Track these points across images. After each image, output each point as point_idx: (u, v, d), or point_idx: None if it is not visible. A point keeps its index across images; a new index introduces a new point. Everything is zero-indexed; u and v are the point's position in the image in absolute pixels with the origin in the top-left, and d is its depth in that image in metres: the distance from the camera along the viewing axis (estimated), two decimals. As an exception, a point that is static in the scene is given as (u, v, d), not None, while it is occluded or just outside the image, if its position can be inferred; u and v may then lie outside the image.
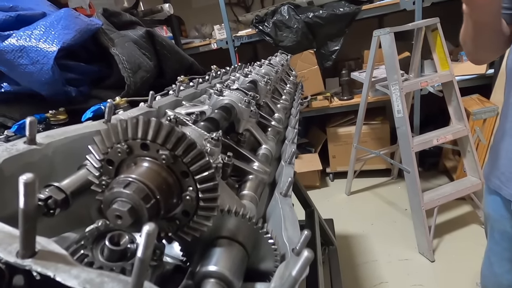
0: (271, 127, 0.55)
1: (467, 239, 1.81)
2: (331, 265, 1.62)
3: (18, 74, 0.61)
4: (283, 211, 0.30)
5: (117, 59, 0.74)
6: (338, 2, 2.23)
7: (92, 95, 0.77)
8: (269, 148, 0.46)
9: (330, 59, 2.35)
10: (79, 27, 0.67)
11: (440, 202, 1.72)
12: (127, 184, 0.19)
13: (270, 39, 2.30)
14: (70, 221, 0.28)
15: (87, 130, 0.32)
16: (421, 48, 2.03)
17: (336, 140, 2.60)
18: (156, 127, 0.21)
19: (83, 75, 0.73)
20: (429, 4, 2.03)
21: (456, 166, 2.23)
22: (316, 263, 1.24)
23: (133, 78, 0.74)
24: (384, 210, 2.23)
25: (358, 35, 2.31)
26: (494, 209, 0.86)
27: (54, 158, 0.28)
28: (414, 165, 1.69)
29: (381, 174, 2.62)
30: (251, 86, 0.58)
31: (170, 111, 0.45)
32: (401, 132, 1.73)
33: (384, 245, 1.90)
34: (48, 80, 0.60)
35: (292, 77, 1.16)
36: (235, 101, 0.43)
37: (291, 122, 0.68)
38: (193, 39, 2.65)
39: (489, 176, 0.82)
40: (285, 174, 0.39)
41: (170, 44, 1.01)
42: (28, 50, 0.58)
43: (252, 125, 0.46)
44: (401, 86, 1.70)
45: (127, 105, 0.62)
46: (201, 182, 0.21)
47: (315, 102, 2.42)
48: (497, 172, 0.79)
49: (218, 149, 0.29)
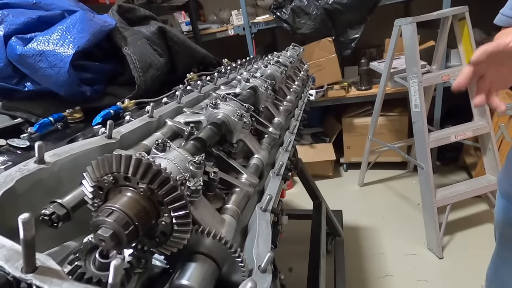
0: (267, 134, 0.58)
1: (479, 238, 1.78)
2: (336, 256, 1.66)
3: (38, 76, 0.66)
4: (259, 227, 0.34)
5: (129, 59, 0.78)
6: (360, -13, 2.13)
7: (107, 92, 0.82)
8: (261, 158, 0.49)
9: (349, 48, 2.28)
10: (93, 29, 0.71)
11: (453, 200, 1.69)
12: (110, 213, 0.23)
13: (287, 26, 2.26)
14: (76, 226, 0.33)
15: (89, 146, 0.36)
16: (447, 38, 1.92)
17: (351, 130, 2.57)
18: (136, 164, 0.24)
19: (98, 74, 0.78)
20: (459, -11, 1.90)
21: (477, 162, 2.15)
22: (318, 255, 1.28)
23: (143, 78, 0.78)
24: (396, 204, 2.22)
25: (381, 21, 2.21)
26: (504, 215, 0.85)
27: (61, 174, 0.33)
28: (429, 162, 1.66)
29: (397, 167, 2.57)
30: (250, 93, 0.60)
31: (169, 121, 0.49)
32: (417, 127, 1.68)
33: (392, 238, 1.91)
34: (64, 82, 0.65)
35: (303, 72, 1.16)
36: (228, 115, 0.46)
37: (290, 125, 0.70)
38: (211, 25, 2.65)
39: (502, 182, 0.82)
40: (270, 187, 0.42)
41: (181, 40, 1.03)
42: (47, 55, 0.63)
43: (245, 136, 0.49)
44: (420, 80, 1.64)
45: (135, 108, 0.66)
46: (174, 210, 0.25)
47: (331, 92, 2.38)
48: (510, 179, 0.78)
49: (200, 171, 0.32)
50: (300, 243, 1.62)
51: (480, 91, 0.59)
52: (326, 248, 1.45)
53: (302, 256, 1.46)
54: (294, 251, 1.83)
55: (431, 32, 2.18)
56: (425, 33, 2.18)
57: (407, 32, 1.65)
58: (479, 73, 0.58)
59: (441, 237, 1.73)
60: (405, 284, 1.60)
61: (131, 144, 0.42)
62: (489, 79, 0.59)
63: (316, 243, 1.35)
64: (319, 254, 1.26)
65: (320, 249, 1.27)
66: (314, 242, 1.37)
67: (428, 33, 2.20)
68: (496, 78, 0.59)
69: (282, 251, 1.84)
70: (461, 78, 0.58)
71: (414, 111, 1.70)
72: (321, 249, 1.29)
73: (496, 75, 0.59)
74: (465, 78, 0.58)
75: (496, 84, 0.59)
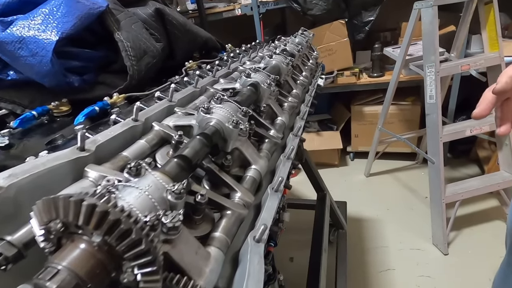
0: (268, 139, 0.52)
1: (487, 235, 1.73)
2: (338, 248, 1.64)
3: (19, 65, 0.60)
4: (249, 264, 0.29)
5: (121, 46, 0.71)
6: (378, -36, 1.97)
7: (99, 81, 0.76)
8: (258, 169, 0.44)
9: (362, 31, 2.15)
10: (80, 13, 0.64)
11: (463, 197, 1.63)
12: (54, 274, 0.18)
13: (297, 6, 2.13)
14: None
15: (56, 162, 0.31)
16: (469, 23, 1.78)
17: (360, 118, 2.48)
18: (88, 211, 0.19)
19: (88, 61, 0.72)
20: (487, -31, 1.73)
21: (490, 156, 2.06)
22: (320, 249, 1.25)
23: (137, 67, 0.72)
24: (403, 196, 2.16)
25: (397, 2, 2.06)
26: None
27: (18, 198, 0.28)
28: (440, 156, 1.58)
29: (405, 157, 2.50)
30: (250, 91, 0.53)
31: (156, 125, 0.43)
32: (431, 120, 1.60)
33: (397, 232, 1.88)
34: (48, 72, 0.60)
35: (312, 60, 1.07)
36: (222, 122, 0.40)
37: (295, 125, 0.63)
38: (217, 3, 2.52)
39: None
40: (266, 208, 0.36)
41: (181, 23, 0.95)
42: (27, 42, 0.57)
43: (241, 144, 0.43)
44: (437, 69, 1.53)
45: (125, 103, 0.61)
46: (139, 267, 0.20)
47: (341, 78, 2.27)
48: None
49: (181, 201, 0.27)
50: (302, 233, 1.60)
51: (505, 118, 0.51)
52: (328, 239, 1.42)
53: (304, 246, 1.44)
54: (296, 240, 1.81)
55: (452, 16, 2.02)
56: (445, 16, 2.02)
57: (427, 17, 1.52)
58: (503, 98, 0.50)
59: (448, 233, 1.68)
60: (406, 279, 1.58)
61: (109, 155, 0.37)
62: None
63: (318, 237, 1.32)
64: (320, 249, 1.23)
65: (322, 244, 1.24)
66: (316, 236, 1.34)
67: (449, 17, 2.04)
68: None
69: (284, 241, 1.82)
70: (482, 107, 0.51)
71: (428, 103, 1.60)
72: (323, 244, 1.26)
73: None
74: (487, 107, 0.50)
75: None
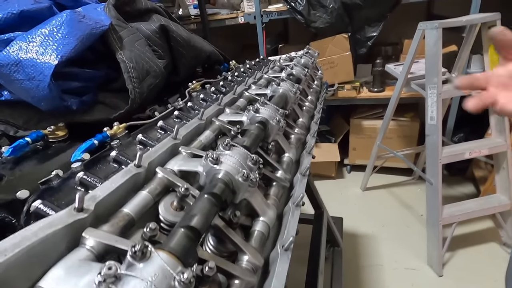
0: (276, 182, 0.49)
1: (482, 257, 1.73)
2: (333, 267, 1.62)
3: (14, 88, 0.57)
4: None
5: (123, 67, 0.68)
6: (383, -19, 1.97)
7: (98, 100, 0.72)
8: (267, 221, 0.41)
9: (365, 46, 2.14)
10: (81, 33, 0.61)
11: (460, 219, 1.62)
12: None
13: (301, 18, 2.11)
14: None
15: (51, 230, 0.28)
16: (472, 45, 1.79)
17: (359, 132, 2.47)
18: None
19: (88, 81, 0.68)
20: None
21: (487, 177, 2.07)
22: (316, 272, 1.23)
23: (139, 89, 0.69)
24: (399, 212, 2.16)
25: (400, 17, 2.06)
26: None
27: (8, 276, 0.25)
28: (439, 178, 1.57)
29: (402, 173, 2.50)
30: (259, 130, 0.51)
31: (160, 171, 0.40)
32: (431, 141, 1.59)
33: (392, 250, 1.87)
34: (44, 97, 0.56)
35: (316, 82, 1.06)
36: (231, 174, 0.37)
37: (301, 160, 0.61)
38: (220, 10, 2.49)
39: None
40: (277, 274, 0.34)
41: (186, 39, 0.92)
42: (24, 65, 0.54)
43: (249, 195, 0.40)
44: (439, 91, 1.53)
45: (126, 133, 0.58)
46: None
47: (341, 92, 2.26)
48: None
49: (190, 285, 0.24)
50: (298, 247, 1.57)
51: (480, 98, 0.47)
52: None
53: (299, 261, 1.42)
54: (292, 255, 1.80)
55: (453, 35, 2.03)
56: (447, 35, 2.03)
57: (431, 38, 1.52)
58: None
59: (443, 255, 1.68)
60: (401, 300, 1.57)
61: (109, 210, 0.34)
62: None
63: (315, 257, 1.30)
64: (316, 272, 1.20)
65: (318, 267, 1.22)
66: (313, 255, 1.32)
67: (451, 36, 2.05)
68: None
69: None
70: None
71: (429, 123, 1.60)
72: (319, 267, 1.24)
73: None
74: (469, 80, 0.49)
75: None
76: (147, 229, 0.30)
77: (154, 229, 0.30)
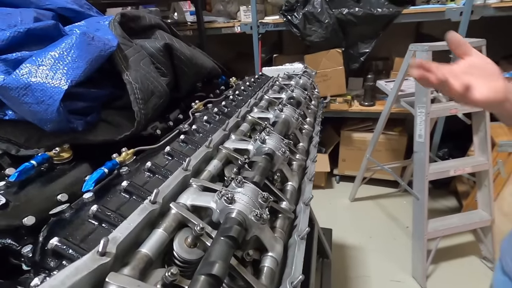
0: (282, 213, 0.51)
1: (464, 270, 1.80)
2: (323, 278, 1.65)
3: (22, 111, 0.57)
4: None
5: (129, 88, 0.69)
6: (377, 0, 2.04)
7: (101, 118, 0.72)
8: (275, 256, 0.43)
9: (357, 61, 2.21)
10: (90, 56, 0.61)
11: (444, 234, 1.69)
12: None
13: (297, 32, 2.15)
14: None
15: (77, 277, 0.29)
16: (458, 66, 1.87)
17: (348, 144, 2.53)
18: None
19: (93, 101, 0.69)
20: (477, 18, 1.84)
21: (469, 192, 2.16)
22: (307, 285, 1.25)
23: (144, 111, 0.69)
24: (385, 224, 2.22)
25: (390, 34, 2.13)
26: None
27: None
28: (425, 193, 1.64)
29: (389, 184, 2.57)
30: (266, 162, 0.53)
31: (174, 207, 0.41)
32: (418, 158, 1.65)
33: (379, 261, 1.92)
34: (52, 120, 0.56)
35: (314, 102, 1.09)
36: (244, 214, 0.39)
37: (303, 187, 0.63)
38: (217, 18, 2.51)
39: (506, 256, 0.77)
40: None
41: (189, 57, 0.93)
42: (33, 89, 0.54)
43: (260, 232, 0.42)
44: (428, 111, 1.59)
45: (134, 159, 0.58)
46: None
47: (333, 105, 2.32)
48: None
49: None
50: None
51: (429, 74, 0.52)
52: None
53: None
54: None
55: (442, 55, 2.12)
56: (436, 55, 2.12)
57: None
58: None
59: (427, 268, 1.74)
60: (386, 312, 1.62)
61: (127, 249, 0.35)
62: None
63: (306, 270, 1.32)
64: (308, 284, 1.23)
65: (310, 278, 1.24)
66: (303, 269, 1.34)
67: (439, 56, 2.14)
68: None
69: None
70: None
71: (417, 141, 1.66)
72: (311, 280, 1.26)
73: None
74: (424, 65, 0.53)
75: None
76: (169, 273, 0.31)
77: (175, 274, 0.31)
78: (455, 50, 0.59)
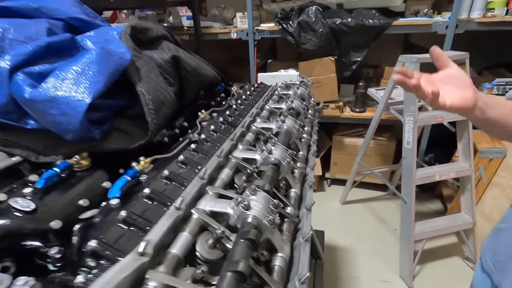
0: (288, 218, 0.57)
1: (448, 270, 1.90)
2: (315, 279, 1.72)
3: (46, 121, 0.61)
4: None
5: (143, 100, 0.73)
6: (368, 11, 2.13)
7: (114, 126, 0.77)
8: (285, 256, 0.49)
9: (349, 69, 2.29)
10: (109, 71, 0.65)
11: (430, 235, 1.78)
12: None
13: (292, 39, 2.23)
14: None
15: (122, 275, 0.33)
16: (444, 76, 1.97)
17: (340, 148, 2.62)
18: None
19: (109, 111, 0.73)
20: (462, 32, 1.95)
21: (453, 196, 2.27)
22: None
23: (156, 121, 0.74)
24: (374, 226, 2.31)
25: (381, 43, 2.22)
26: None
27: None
28: (413, 197, 1.73)
29: (378, 188, 2.67)
30: (273, 172, 0.59)
31: (196, 213, 0.47)
32: (406, 164, 1.74)
33: (368, 262, 2.00)
34: (74, 130, 0.61)
35: (311, 111, 1.15)
36: (259, 219, 0.44)
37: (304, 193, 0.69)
38: (213, 23, 2.55)
39: (486, 256, 0.84)
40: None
41: (194, 68, 0.98)
42: (58, 102, 0.58)
43: (271, 234, 0.48)
44: (416, 119, 1.68)
45: (152, 168, 0.63)
46: None
47: (326, 111, 2.40)
48: (495, 257, 0.80)
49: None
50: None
51: (410, 79, 0.59)
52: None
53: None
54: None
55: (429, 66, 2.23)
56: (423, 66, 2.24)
57: (411, 71, 1.67)
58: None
59: (414, 268, 1.83)
60: (375, 310, 1.69)
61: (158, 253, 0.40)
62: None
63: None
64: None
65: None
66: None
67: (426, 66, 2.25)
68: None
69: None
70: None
71: (405, 147, 1.75)
72: (305, 280, 1.32)
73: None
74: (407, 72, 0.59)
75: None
76: (200, 271, 0.36)
77: (205, 272, 0.37)
78: (436, 62, 0.65)
